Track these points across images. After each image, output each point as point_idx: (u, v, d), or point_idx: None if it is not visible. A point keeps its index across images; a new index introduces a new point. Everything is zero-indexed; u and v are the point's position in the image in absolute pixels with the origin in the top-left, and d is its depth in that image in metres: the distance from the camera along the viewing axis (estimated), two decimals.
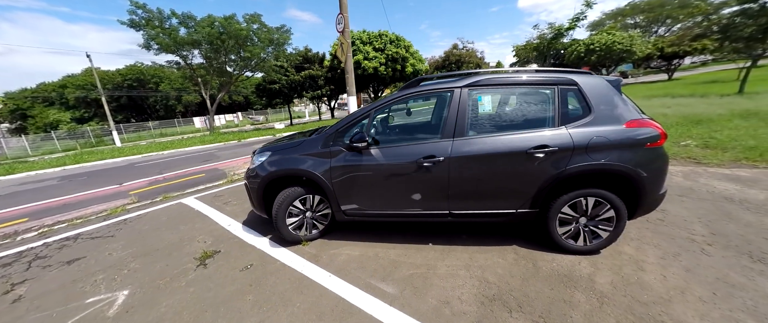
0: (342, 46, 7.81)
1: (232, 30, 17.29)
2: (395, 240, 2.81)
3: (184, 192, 5.23)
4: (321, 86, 24.81)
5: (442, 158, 2.31)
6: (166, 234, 3.43)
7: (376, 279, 2.25)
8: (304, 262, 2.54)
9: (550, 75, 2.32)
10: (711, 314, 1.74)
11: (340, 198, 2.60)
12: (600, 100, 2.22)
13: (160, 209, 4.41)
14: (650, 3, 39.62)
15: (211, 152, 11.16)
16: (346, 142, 2.49)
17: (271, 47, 19.66)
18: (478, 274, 2.23)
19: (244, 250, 2.87)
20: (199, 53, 19.30)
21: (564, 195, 2.26)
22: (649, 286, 2.01)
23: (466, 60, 31.58)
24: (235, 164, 7.99)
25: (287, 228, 2.73)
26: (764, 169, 4.14)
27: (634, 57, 24.03)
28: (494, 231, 2.81)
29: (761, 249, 2.33)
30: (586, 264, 2.28)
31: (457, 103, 2.35)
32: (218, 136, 17.56)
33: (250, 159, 3.11)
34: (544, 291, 2.01)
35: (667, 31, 39.63)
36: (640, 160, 2.13)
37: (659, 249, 2.44)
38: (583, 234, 2.35)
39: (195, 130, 31.96)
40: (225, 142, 14.15)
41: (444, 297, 2.01)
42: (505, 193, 2.33)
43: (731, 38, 12.13)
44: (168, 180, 6.72)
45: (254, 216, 3.71)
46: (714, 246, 2.44)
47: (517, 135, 2.25)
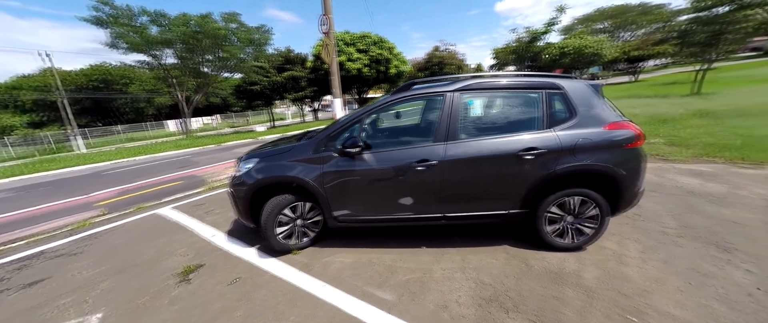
0: (326, 48, 7.70)
1: (209, 29, 16.58)
2: (389, 245, 2.79)
3: (160, 202, 4.92)
4: (304, 87, 24.39)
5: (436, 162, 2.32)
6: (141, 248, 3.20)
7: (373, 286, 2.22)
8: (296, 272, 2.46)
9: (536, 79, 2.41)
10: (687, 303, 1.87)
11: (332, 205, 2.54)
12: (583, 103, 2.33)
13: (134, 221, 4.12)
14: (616, 9, 42.49)
15: (188, 157, 10.61)
16: (339, 147, 2.45)
17: (251, 47, 19.06)
18: (474, 276, 2.26)
19: (231, 263, 2.73)
20: (173, 53, 18.34)
21: (552, 195, 2.34)
22: (631, 279, 2.12)
23: (447, 62, 32.24)
24: (215, 170, 7.64)
25: (277, 237, 2.63)
26: (721, 164, 4.52)
27: (602, 60, 25.62)
28: (485, 232, 2.86)
29: (725, 240, 2.54)
30: (573, 261, 2.37)
31: (449, 107, 2.37)
32: (195, 139, 16.75)
33: (235, 165, 2.97)
34: (536, 290, 2.07)
35: (632, 36, 42.62)
36: (620, 160, 2.25)
37: (638, 243, 2.59)
38: (569, 232, 2.45)
39: (168, 133, 30.34)
40: (203, 147, 13.52)
41: (442, 301, 2.02)
42: (497, 195, 2.38)
43: (688, 43, 13.23)
44: (141, 189, 6.30)
45: (240, 226, 3.55)
46: (684, 238, 2.63)
47: (507, 138, 2.30)
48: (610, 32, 44.61)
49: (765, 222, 2.79)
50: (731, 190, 3.60)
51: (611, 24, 45.13)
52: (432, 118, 2.52)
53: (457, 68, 32.72)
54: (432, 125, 2.48)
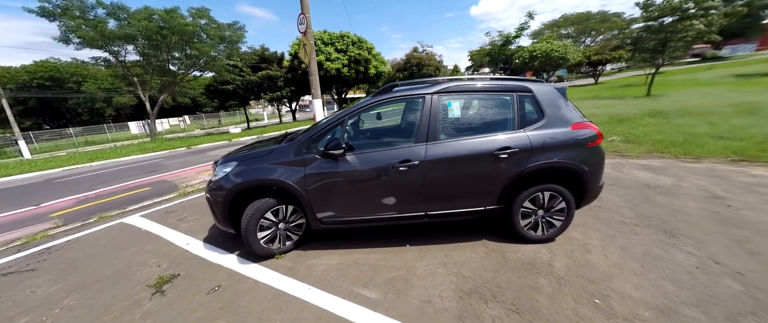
0: (305, 48, 7.57)
1: (176, 25, 15.59)
2: (373, 244, 2.83)
3: (127, 211, 4.59)
4: (281, 87, 23.73)
5: (417, 162, 2.39)
6: (107, 261, 2.98)
7: (358, 286, 2.25)
8: (280, 277, 2.42)
9: (508, 83, 2.56)
10: (642, 284, 2.09)
11: (315, 207, 2.53)
12: (550, 105, 2.51)
13: (97, 232, 3.81)
14: (579, 16, 45.68)
15: (156, 161, 9.93)
16: (321, 149, 2.44)
17: (223, 45, 18.17)
18: (455, 270, 2.36)
19: (209, 271, 2.63)
20: (134, 49, 17.05)
21: (525, 191, 2.50)
22: (595, 266, 2.33)
23: (426, 63, 32.87)
24: (186, 174, 7.23)
25: (259, 242, 2.57)
26: (669, 159, 5.06)
27: (568, 63, 27.45)
28: (465, 228, 2.99)
29: (672, 226, 2.86)
30: (545, 252, 2.56)
31: (429, 109, 2.46)
32: (162, 142, 15.69)
33: (212, 170, 2.86)
34: (513, 280, 2.21)
35: (593, 42, 46.04)
36: (583, 157, 2.46)
37: (600, 232, 2.84)
38: (541, 225, 2.63)
39: (131, 136, 28.13)
40: (172, 150, 12.71)
41: (425, 296, 2.09)
42: (476, 192, 2.50)
43: (640, 49, 14.56)
44: (102, 196, 5.81)
45: (217, 232, 3.41)
46: (639, 226, 2.92)
47: (483, 138, 2.43)
48: (574, 37, 47.93)
49: (703, 210, 3.18)
50: (676, 182, 4.04)
51: (575, 30, 48.49)
52: (412, 120, 2.60)
53: (435, 69, 33.48)
54: (413, 126, 2.55)
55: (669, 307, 1.86)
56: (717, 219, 2.96)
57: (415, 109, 2.61)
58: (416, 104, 2.57)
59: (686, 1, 12.42)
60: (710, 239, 2.60)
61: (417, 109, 2.56)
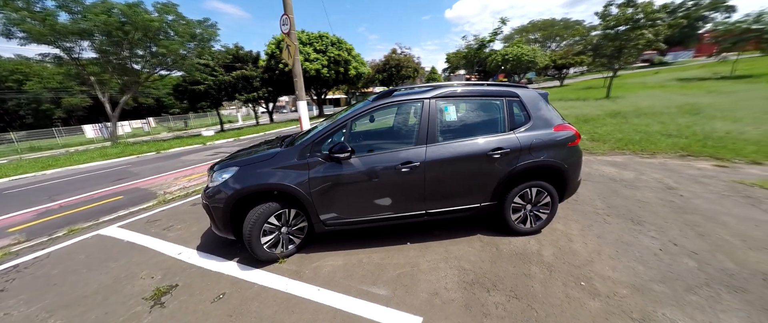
0: (288, 49, 7.44)
1: (139, 20, 14.50)
2: (375, 244, 2.92)
3: (100, 222, 4.27)
4: (257, 88, 22.88)
5: (419, 163, 2.52)
6: (90, 276, 2.79)
7: (367, 284, 2.33)
8: (286, 281, 2.43)
9: (498, 88, 2.78)
10: (617, 266, 2.38)
11: (319, 210, 2.57)
12: (535, 109, 2.76)
13: (71, 246, 3.52)
14: (545, 23, 48.85)
15: (123, 168, 9.21)
16: (325, 152, 2.49)
17: (193, 43, 17.19)
18: (456, 264, 2.52)
19: (209, 279, 2.56)
20: (91, 46, 15.61)
21: (515, 188, 2.73)
22: (578, 253, 2.60)
23: (405, 64, 33.35)
24: (162, 180, 6.81)
25: (262, 247, 2.56)
26: (630, 155, 5.65)
27: (537, 67, 29.24)
28: (459, 225, 3.17)
29: (637, 215, 3.24)
30: (533, 243, 2.80)
31: (427, 112, 2.60)
32: (126, 147, 14.52)
33: (209, 176, 2.79)
34: (509, 270, 2.41)
35: (558, 46, 49.39)
36: (565, 156, 2.74)
37: (578, 223, 3.16)
38: (529, 218, 2.88)
39: (86, 140, 25.66)
40: (139, 155, 11.83)
41: (432, 289, 2.22)
42: (472, 190, 2.68)
43: (599, 55, 15.95)
44: (68, 208, 5.32)
45: (210, 239, 3.31)
46: (611, 216, 3.28)
47: (478, 139, 2.62)
48: (541, 42, 51.12)
49: (661, 199, 3.63)
50: (637, 176, 4.55)
51: (541, 35, 51.76)
52: (412, 123, 2.72)
53: (414, 71, 34.07)
54: (413, 129, 2.68)
55: (641, 285, 2.15)
56: (672, 207, 3.40)
57: (414, 113, 2.74)
58: (415, 108, 2.70)
59: (637, 13, 13.83)
60: (668, 225, 3.00)
61: (416, 112, 2.69)
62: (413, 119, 2.72)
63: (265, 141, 3.84)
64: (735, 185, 3.93)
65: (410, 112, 2.81)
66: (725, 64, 23.26)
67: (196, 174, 7.16)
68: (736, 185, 3.92)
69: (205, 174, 7.00)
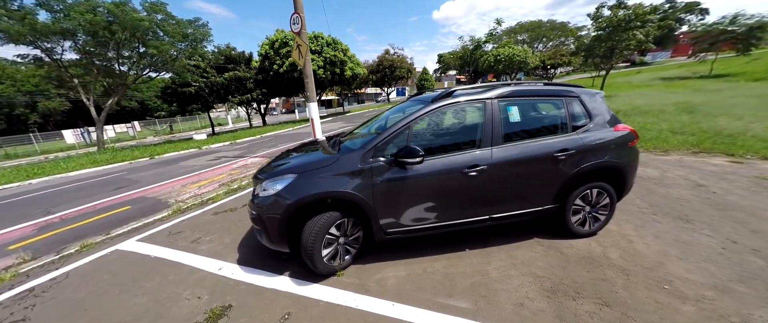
0: (299, 48, 7.20)
1: (128, 20, 13.77)
2: (431, 252, 2.79)
3: (114, 236, 3.94)
4: (250, 89, 22.28)
5: (486, 166, 2.42)
6: (126, 298, 2.52)
7: (442, 296, 2.20)
8: (353, 296, 2.27)
9: (558, 88, 2.71)
10: (690, 268, 2.35)
11: (381, 218, 2.42)
12: (595, 109, 2.72)
13: (90, 264, 3.21)
14: (532, 24, 50.11)
15: (120, 175, 8.66)
16: (391, 157, 2.34)
17: (185, 43, 16.51)
18: (526, 271, 2.43)
19: (265, 297, 2.36)
20: (72, 47, 14.72)
21: (576, 190, 2.67)
22: (644, 254, 2.56)
23: (398, 65, 33.36)
24: (169, 188, 6.42)
25: (323, 260, 2.38)
26: (645, 152, 5.75)
27: (528, 67, 29.93)
28: (513, 229, 3.08)
29: (683, 213, 3.26)
30: (595, 245, 2.75)
31: (491, 113, 2.50)
32: (116, 152, 13.74)
33: (256, 185, 2.58)
34: (584, 275, 2.33)
35: (544, 48, 50.78)
36: (626, 156, 2.70)
37: (629, 223, 3.14)
38: (588, 220, 2.83)
39: (66, 146, 24.24)
40: (132, 161, 11.21)
41: (515, 299, 2.12)
42: (536, 193, 2.60)
43: (593, 55, 16.43)
44: (70, 220, 4.91)
45: (249, 252, 3.09)
46: (658, 215, 3.28)
47: (543, 140, 2.54)
48: (529, 43, 52.40)
49: (696, 197, 3.67)
50: (662, 174, 4.62)
51: (528, 36, 53.08)
52: (472, 124, 2.62)
53: (408, 72, 34.13)
54: (473, 130, 2.58)
55: (723, 286, 2.12)
56: (712, 204, 3.44)
57: (476, 114, 2.63)
58: (477, 109, 2.60)
59: (629, 15, 14.33)
60: (717, 222, 3.02)
61: (478, 113, 2.59)
62: (473, 120, 2.61)
63: (303, 143, 3.64)
64: (760, 180, 4.03)
65: (469, 113, 2.70)
66: (704, 63, 24.51)
67: (204, 181, 6.80)
68: (761, 180, 4.03)
69: (214, 181, 6.67)
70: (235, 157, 9.97)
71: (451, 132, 2.71)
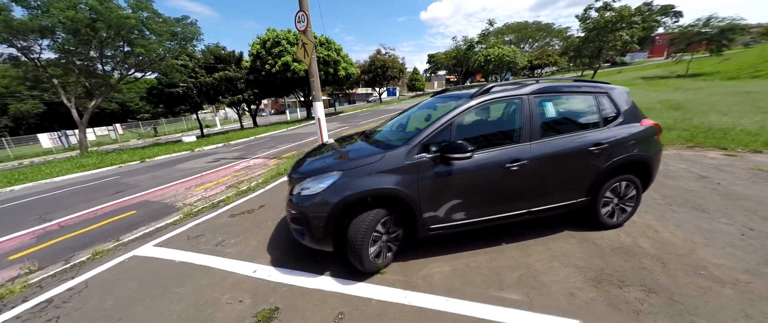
0: (304, 47, 7.09)
1: (113, 17, 13.14)
2: (469, 247, 2.81)
3: (127, 241, 3.76)
4: (241, 90, 21.74)
5: (526, 161, 2.47)
6: (162, 305, 2.41)
7: (494, 289, 2.22)
8: (404, 293, 2.26)
9: (587, 83, 2.80)
10: (718, 254, 2.47)
11: (425, 214, 2.42)
12: (623, 104, 2.82)
13: (108, 271, 3.04)
14: (518, 25, 51.41)
15: (113, 179, 8.25)
16: (436, 152, 2.35)
17: (174, 43, 15.92)
18: (567, 262, 2.49)
19: (312, 298, 2.32)
20: (51, 45, 13.92)
21: (607, 183, 2.76)
22: (673, 243, 2.68)
23: (390, 65, 33.41)
24: (172, 191, 6.17)
25: (369, 258, 2.36)
26: None
27: (517, 67, 30.69)
28: (544, 223, 3.15)
29: (696, 203, 3.42)
30: (624, 236, 2.85)
31: (528, 109, 2.56)
32: (102, 156, 13.09)
33: (296, 184, 2.52)
34: (622, 264, 2.42)
35: (530, 48, 52.20)
36: (652, 149, 2.82)
37: (650, 214, 3.27)
38: (616, 212, 2.93)
39: (43, 151, 22.86)
40: (122, 165, 10.71)
41: (564, 289, 2.17)
42: (571, 186, 2.67)
43: (581, 55, 17.04)
44: (72, 228, 4.64)
45: (281, 253, 3.02)
46: (674, 205, 3.44)
47: (578, 135, 2.62)
48: (515, 44, 53.73)
49: (704, 187, 3.87)
50: (665, 167, 4.83)
51: (515, 37, 54.44)
52: (512, 120, 2.65)
53: (399, 72, 34.24)
54: (514, 126, 2.62)
55: (754, 270, 2.25)
56: (720, 194, 3.63)
57: (513, 110, 2.67)
58: (514, 105, 2.64)
59: (615, 17, 14.95)
60: (730, 211, 3.19)
61: (515, 109, 2.63)
62: (511, 116, 2.65)
63: (340, 138, 3.59)
64: (756, 172, 4.30)
65: (507, 109, 2.73)
66: (680, 63, 25.87)
67: (209, 183, 6.58)
68: (758, 171, 4.29)
69: (219, 183, 6.47)
70: (235, 159, 9.70)
71: (490, 127, 2.74)
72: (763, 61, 19.85)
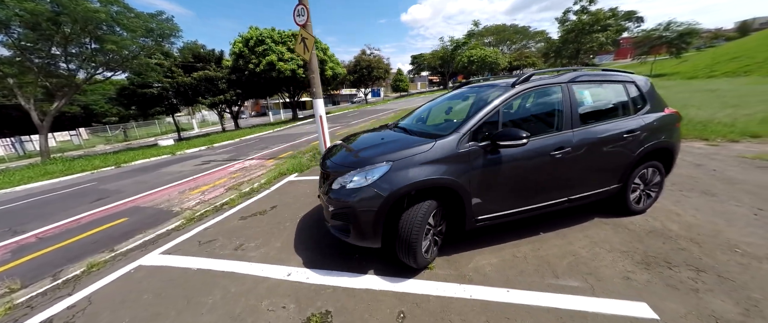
0: (304, 42, 6.84)
1: (79, 10, 12.02)
2: (508, 238, 2.78)
3: (126, 251, 3.38)
4: (223, 90, 20.73)
5: (570, 148, 2.47)
6: (190, 318, 2.15)
7: (550, 277, 2.20)
8: (462, 287, 2.17)
9: (619, 73, 2.87)
10: (742, 232, 2.60)
11: (474, 205, 2.36)
12: (649, 93, 2.93)
13: (113, 285, 2.70)
14: (497, 28, 53.32)
15: (90, 186, 7.49)
16: (484, 139, 2.29)
17: (149, 39, 14.86)
18: (610, 247, 2.52)
19: (363, 298, 2.17)
20: (5, 41, 12.51)
21: (636, 169, 2.84)
22: (699, 225, 2.80)
23: (375, 65, 33.37)
24: (164, 196, 5.68)
25: (422, 252, 2.25)
26: None
27: (499, 67, 31.80)
28: (573, 211, 3.18)
29: (703, 189, 3.63)
30: (651, 220, 2.95)
31: (568, 97, 2.58)
32: (70, 163, 11.90)
33: (340, 177, 2.36)
34: (662, 247, 2.48)
35: (509, 50, 54.32)
36: (674, 136, 2.95)
37: (667, 200, 3.41)
38: (641, 198, 3.03)
39: None
40: (94, 171, 9.80)
41: (618, 273, 2.18)
42: (607, 173, 2.72)
43: (561, 56, 17.91)
44: (52, 240, 4.11)
45: (312, 254, 2.83)
46: (684, 191, 3.62)
47: (613, 122, 2.67)
48: (495, 45, 55.68)
49: (704, 174, 4.12)
50: None
51: (494, 39, 56.42)
52: (553, 108, 2.65)
53: (385, 72, 34.29)
54: (554, 114, 2.62)
55: None
56: (720, 180, 3.88)
57: (553, 98, 2.67)
58: (555, 93, 2.65)
59: (592, 20, 15.87)
60: (735, 194, 3.40)
61: (555, 97, 2.64)
62: (551, 104, 2.65)
63: (370, 130, 3.45)
64: (742, 159, 4.66)
65: (547, 97, 2.72)
66: (644, 65, 27.96)
67: (204, 186, 6.14)
68: (743, 159, 4.65)
69: (216, 185, 6.05)
70: (227, 161, 9.17)
71: (533, 115, 2.73)
72: (716, 63, 21.94)
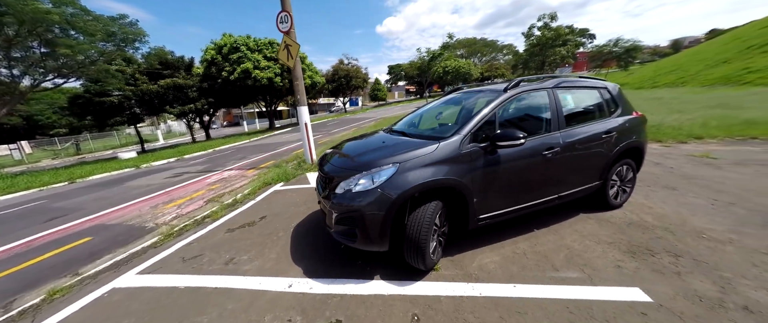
0: (288, 49, 6.76)
1: (27, 11, 10.89)
2: (504, 236, 2.89)
3: (92, 273, 3.02)
4: (193, 99, 19.64)
5: (558, 148, 2.65)
6: None
7: (550, 271, 2.30)
8: (470, 285, 2.20)
9: (593, 80, 3.16)
10: (704, 220, 2.92)
11: (476, 205, 2.43)
12: (619, 98, 3.24)
13: (83, 312, 2.39)
14: (468, 40, 56.34)
15: (40, 204, 6.62)
16: (483, 140, 2.39)
17: (110, 44, 13.77)
18: (598, 239, 2.71)
19: (373, 305, 2.12)
20: None
21: (614, 167, 3.11)
22: (669, 216, 3.10)
23: (354, 75, 33.59)
24: (136, 211, 5.18)
25: (430, 253, 2.26)
26: None
27: (471, 77, 33.47)
28: (560, 209, 3.38)
29: (665, 184, 4.03)
30: (628, 214, 3.21)
31: (554, 101, 2.78)
32: (11, 179, 10.47)
33: (344, 182, 2.31)
34: (642, 236, 2.71)
35: (479, 62, 57.46)
36: (642, 136, 3.28)
37: (636, 194, 3.75)
38: (618, 194, 3.30)
39: None
40: (43, 187, 8.72)
41: (610, 262, 2.34)
42: (591, 171, 2.95)
43: (528, 68, 19.32)
44: (9, 263, 3.56)
45: (312, 264, 2.72)
46: (650, 187, 4.00)
47: (593, 124, 2.92)
48: (466, 58, 58.64)
49: (663, 171, 4.59)
50: None
51: (466, 51, 59.48)
52: (541, 111, 2.83)
53: (363, 81, 34.61)
54: (543, 116, 2.81)
55: (737, 229, 2.70)
56: (678, 176, 4.35)
57: (540, 102, 2.85)
58: (542, 97, 2.84)
59: (554, 35, 17.36)
60: (693, 188, 3.83)
61: (543, 101, 2.83)
62: (540, 107, 2.83)
63: (368, 133, 3.43)
64: (692, 157, 5.27)
65: (535, 101, 2.88)
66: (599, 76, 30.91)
67: (180, 200, 5.69)
68: (693, 157, 5.27)
69: (193, 198, 5.66)
70: (201, 172, 8.62)
71: (524, 118, 2.89)
72: (658, 75, 24.83)
